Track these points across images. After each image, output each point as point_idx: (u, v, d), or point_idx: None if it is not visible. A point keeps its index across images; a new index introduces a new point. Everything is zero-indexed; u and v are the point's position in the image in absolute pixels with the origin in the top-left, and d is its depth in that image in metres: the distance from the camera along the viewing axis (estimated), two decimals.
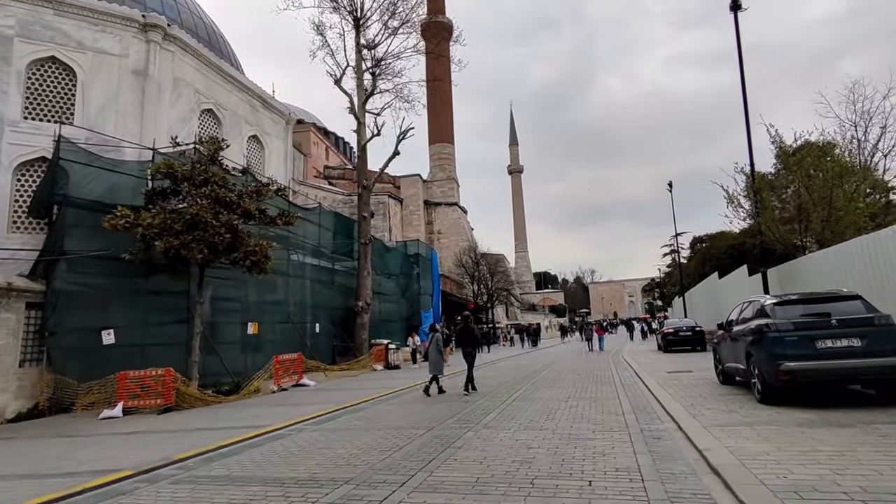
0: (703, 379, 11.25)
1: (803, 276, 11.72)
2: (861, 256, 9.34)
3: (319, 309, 22.38)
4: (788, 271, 12.63)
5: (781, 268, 13.09)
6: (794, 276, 12.23)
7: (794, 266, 12.35)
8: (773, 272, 13.32)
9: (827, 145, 14.95)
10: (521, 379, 14.23)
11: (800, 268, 11.99)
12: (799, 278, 11.91)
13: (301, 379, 15.34)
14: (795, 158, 13.04)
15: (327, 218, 23.94)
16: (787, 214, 14.06)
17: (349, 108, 25.47)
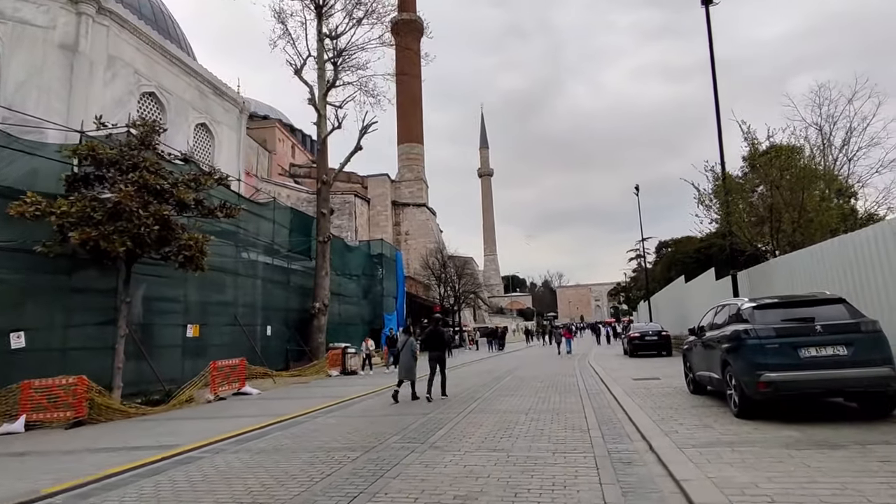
0: (671, 387, 10.57)
1: (774, 279, 11.22)
2: (836, 257, 8.81)
3: (272, 311, 21.02)
4: (759, 274, 12.14)
5: (752, 270, 12.60)
6: (765, 278, 11.73)
7: (765, 268, 11.86)
8: (743, 275, 12.84)
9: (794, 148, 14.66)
10: (482, 386, 13.33)
11: (771, 270, 11.49)
12: (770, 281, 11.40)
13: (243, 387, 14.05)
14: (766, 157, 12.59)
15: (283, 214, 22.60)
16: (756, 217, 13.61)
17: (309, 98, 24.24)
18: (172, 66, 18.62)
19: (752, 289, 12.40)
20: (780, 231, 11.93)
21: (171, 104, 18.51)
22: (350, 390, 13.83)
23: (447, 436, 6.98)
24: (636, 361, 18.96)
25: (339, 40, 25.30)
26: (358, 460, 5.80)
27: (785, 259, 10.87)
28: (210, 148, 21.47)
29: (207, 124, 20.87)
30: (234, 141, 22.79)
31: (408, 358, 11.04)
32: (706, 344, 8.30)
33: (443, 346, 11.36)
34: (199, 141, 20.55)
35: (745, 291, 12.58)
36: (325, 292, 23.31)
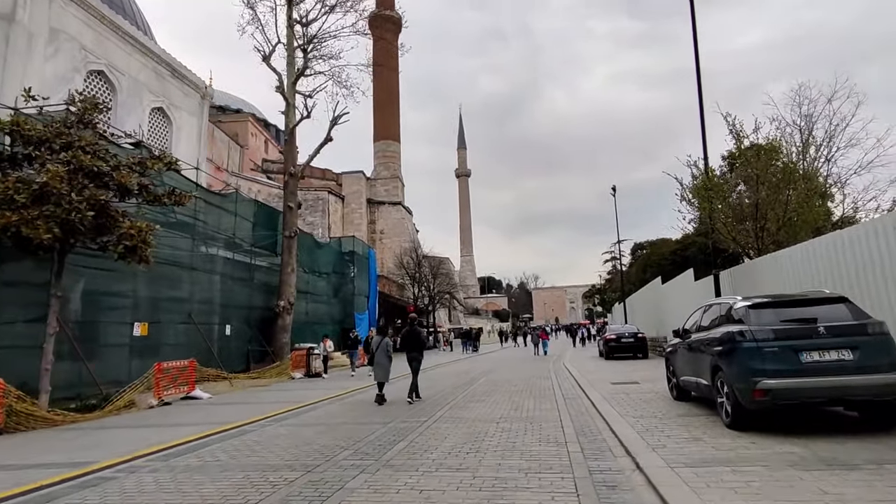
0: (652, 393, 9.92)
1: (760, 279, 10.68)
2: (830, 255, 8.25)
3: (233, 308, 19.80)
4: (743, 274, 11.61)
5: (734, 270, 12.09)
6: (749, 278, 11.20)
7: (749, 268, 11.33)
8: (726, 275, 12.32)
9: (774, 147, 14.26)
10: (453, 390, 12.51)
11: (756, 270, 10.96)
12: (755, 281, 10.87)
13: (192, 390, 12.91)
14: (751, 151, 12.08)
15: (246, 206, 21.36)
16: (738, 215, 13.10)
17: (277, 87, 23.08)
18: (125, 44, 17.28)
19: (734, 289, 11.87)
20: (765, 229, 11.42)
21: (123, 85, 17.16)
22: (311, 394, 12.83)
23: (406, 450, 6.11)
24: (612, 364, 18.41)
25: (310, 27, 24.22)
26: (295, 483, 4.88)
27: (771, 258, 10.34)
28: (167, 134, 20.11)
29: (165, 109, 19.52)
30: (195, 128, 21.46)
31: (384, 359, 10.68)
32: (692, 347, 7.63)
33: (420, 346, 11.04)
34: (154, 126, 19.21)
35: (728, 292, 12.05)
36: (291, 290, 22.17)
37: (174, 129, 20.16)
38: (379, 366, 10.67)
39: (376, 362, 10.71)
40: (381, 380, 10.65)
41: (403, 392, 11.23)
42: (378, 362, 10.70)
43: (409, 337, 11.14)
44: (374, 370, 10.81)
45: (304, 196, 59.38)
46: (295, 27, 23.72)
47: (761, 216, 11.38)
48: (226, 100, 76.23)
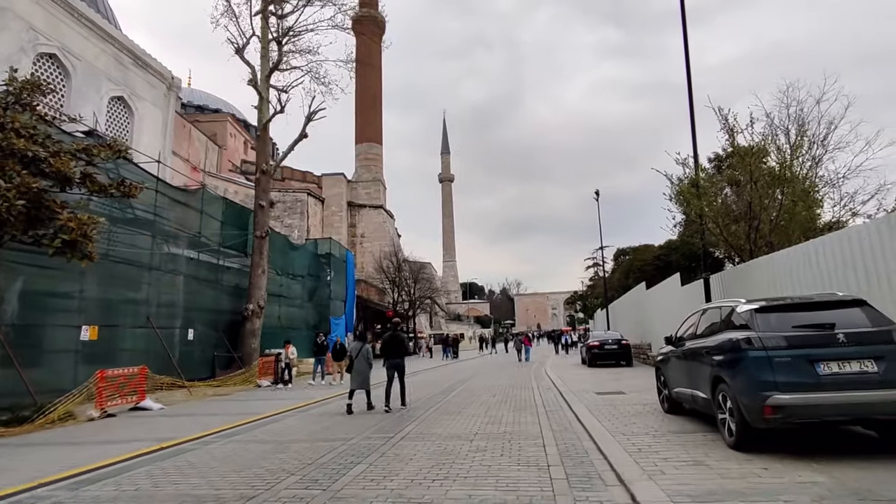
0: (641, 404, 9.17)
1: (753, 283, 10.03)
2: (836, 255, 7.60)
3: (197, 312, 18.63)
4: (735, 277, 10.97)
5: (726, 273, 11.46)
6: (742, 282, 10.56)
7: (741, 271, 10.69)
8: (716, 279, 11.68)
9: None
10: (427, 401, 11.61)
11: (749, 273, 10.31)
12: (748, 285, 10.22)
13: (143, 400, 11.79)
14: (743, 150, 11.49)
15: (214, 204, 20.24)
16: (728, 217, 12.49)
17: (250, 80, 22.05)
18: (82, 27, 16.11)
19: (725, 294, 11.23)
20: (757, 230, 10.80)
21: (79, 70, 15.98)
22: (272, 405, 11.81)
23: (363, 476, 5.21)
24: (596, 372, 17.71)
25: (286, 20, 23.31)
26: None
27: (766, 260, 9.69)
28: (128, 125, 18.92)
29: (126, 98, 18.34)
30: (160, 120, 20.27)
31: (363, 366, 10.33)
32: (688, 356, 6.89)
33: (402, 352, 10.69)
34: (114, 115, 18.02)
35: (719, 297, 11.41)
36: (261, 293, 21.06)
37: (136, 119, 18.97)
38: (358, 373, 10.25)
39: (355, 369, 10.29)
40: (358, 387, 10.26)
41: (377, 402, 10.34)
42: (357, 369, 10.28)
43: (390, 343, 10.69)
44: (351, 377, 10.37)
45: (283, 197, 58.02)
46: (270, 19, 22.78)
47: (754, 216, 10.76)
48: (205, 99, 74.53)
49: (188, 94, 76.12)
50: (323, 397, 13.07)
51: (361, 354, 10.37)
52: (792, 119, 14.42)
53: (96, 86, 16.71)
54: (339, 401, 12.38)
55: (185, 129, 68.30)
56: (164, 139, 20.38)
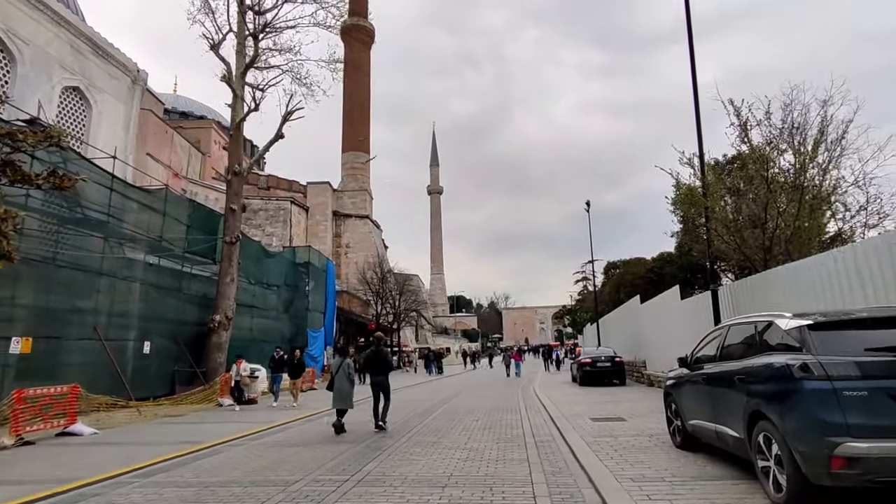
0: (646, 435, 7.88)
1: (773, 296, 8.84)
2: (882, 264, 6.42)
3: (157, 322, 17.07)
4: (748, 290, 9.78)
5: (737, 285, 10.28)
6: (758, 295, 9.37)
7: (757, 283, 9.49)
8: (725, 291, 10.48)
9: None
10: (402, 425, 10.21)
11: (767, 284, 9.11)
12: (766, 298, 9.04)
13: (73, 423, 10.23)
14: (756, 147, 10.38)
15: (179, 206, 18.77)
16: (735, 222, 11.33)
17: (223, 76, 20.74)
18: (33, 9, 14.75)
19: (736, 308, 10.05)
20: (774, 237, 9.62)
21: (26, 55, 14.58)
22: (222, 430, 10.31)
23: None
24: (588, 392, 16.41)
25: (265, 16, 22.14)
26: None
27: (788, 269, 8.49)
28: (84, 118, 17.47)
29: (82, 89, 16.91)
30: (122, 115, 18.83)
31: (344, 383, 9.73)
32: (710, 382, 5.63)
33: (386, 369, 10.03)
34: (67, 106, 16.57)
35: (729, 311, 10.22)
36: (230, 302, 19.54)
37: (94, 112, 17.53)
38: (339, 391, 9.66)
39: (336, 387, 9.66)
40: (341, 406, 9.61)
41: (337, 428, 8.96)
42: (338, 387, 9.67)
43: (373, 359, 10.06)
44: (333, 396, 9.71)
45: (265, 206, 56.46)
46: (247, 14, 21.60)
47: (770, 218, 9.58)
48: (190, 106, 73.04)
49: (173, 101, 74.63)
50: (284, 421, 11.58)
51: (342, 370, 9.73)
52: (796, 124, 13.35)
53: (47, 73, 15.30)
54: (301, 426, 10.95)
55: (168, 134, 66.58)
56: (128, 136, 18.93)
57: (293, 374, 14.57)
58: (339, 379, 9.72)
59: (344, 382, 9.72)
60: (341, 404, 9.64)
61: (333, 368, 9.97)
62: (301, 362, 14.73)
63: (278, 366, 14.58)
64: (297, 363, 14.79)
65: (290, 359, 14.46)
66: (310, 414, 12.70)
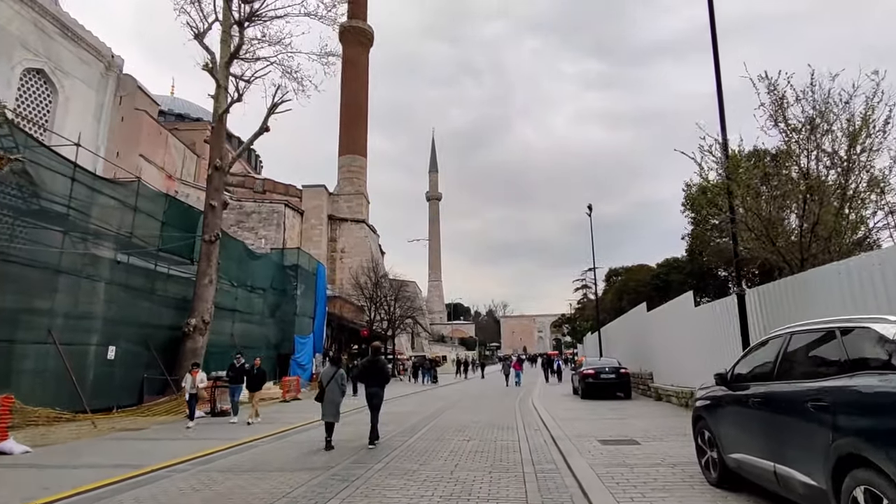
0: (668, 464, 6.56)
1: (812, 302, 7.55)
2: None
3: (125, 326, 15.73)
4: (781, 294, 8.49)
5: (766, 289, 8.98)
6: (794, 300, 8.08)
7: (791, 286, 8.20)
8: (751, 297, 9.19)
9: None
10: (378, 448, 8.88)
11: (805, 288, 7.81)
12: (802, 304, 7.75)
13: (4, 440, 8.88)
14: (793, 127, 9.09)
15: (152, 201, 17.48)
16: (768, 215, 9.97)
17: (205, 65, 19.54)
18: None
19: (767, 315, 8.77)
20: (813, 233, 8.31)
21: None
22: (174, 450, 8.95)
23: None
24: (592, 406, 15.08)
25: (251, 4, 21.01)
26: None
27: (831, 270, 7.20)
28: (48, 102, 16.24)
29: (47, 72, 15.68)
30: (93, 102, 17.60)
31: (335, 394, 9.20)
32: (768, 406, 4.32)
33: (383, 379, 9.46)
34: (28, 89, 15.33)
35: (759, 318, 8.94)
36: (207, 305, 18.22)
37: (60, 98, 16.29)
38: (329, 403, 9.08)
39: (326, 398, 9.05)
40: (332, 418, 9.05)
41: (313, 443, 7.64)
42: (329, 398, 9.07)
43: (369, 368, 9.49)
44: (323, 407, 9.11)
45: (258, 208, 55.23)
46: (233, 2, 20.48)
47: (810, 213, 8.29)
48: (187, 108, 72.14)
49: (170, 103, 73.75)
50: (248, 438, 10.22)
51: (335, 380, 9.19)
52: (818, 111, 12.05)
53: (6, 52, 14.06)
54: (265, 445, 9.60)
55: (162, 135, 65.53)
56: (100, 125, 17.68)
57: (252, 385, 12.87)
58: (330, 389, 9.12)
59: (336, 393, 9.19)
60: (333, 417, 9.08)
61: (324, 378, 9.33)
62: (262, 372, 13.05)
63: (237, 376, 12.89)
64: (257, 373, 13.01)
65: (249, 368, 12.70)
66: (279, 431, 11.34)
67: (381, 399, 9.35)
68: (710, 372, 12.01)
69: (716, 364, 11.45)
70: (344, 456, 8.08)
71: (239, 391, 12.24)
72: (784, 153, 8.89)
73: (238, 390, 12.28)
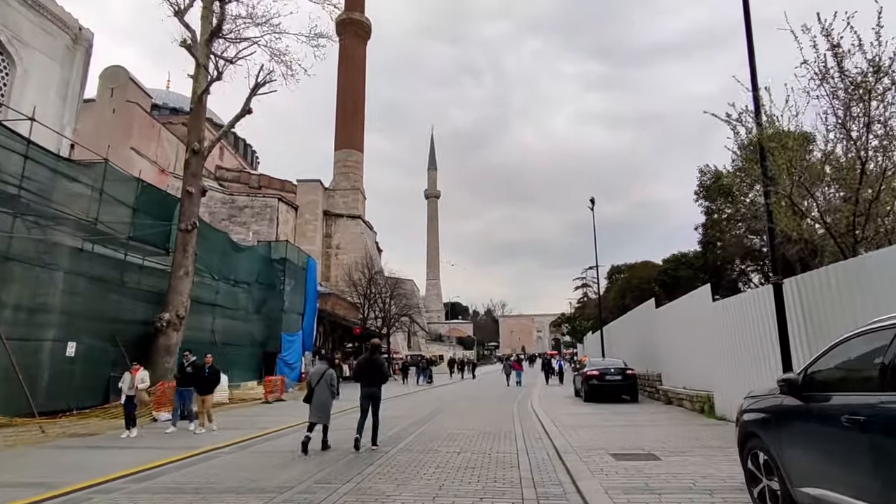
0: (703, 489, 5.28)
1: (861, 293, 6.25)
2: None
3: (89, 320, 14.45)
4: (827, 282, 7.17)
5: (806, 278, 7.67)
6: (846, 289, 6.77)
7: (841, 273, 6.87)
8: (790, 286, 7.90)
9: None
10: (351, 462, 7.59)
11: (862, 274, 6.49)
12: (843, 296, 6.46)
13: None
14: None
15: (121, 185, 16.12)
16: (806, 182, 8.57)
17: (183, 42, 18.20)
18: None
19: (808, 311, 7.47)
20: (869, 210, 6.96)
21: None
22: (117, 461, 7.65)
23: None
24: (597, 411, 13.80)
25: None
26: None
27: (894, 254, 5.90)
28: (4, 75, 14.87)
29: (3, 41, 14.33)
30: (56, 78, 16.24)
31: (325, 395, 8.72)
32: (872, 425, 3.02)
33: (380, 379, 9.03)
34: None
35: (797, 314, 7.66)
36: (183, 299, 16.93)
37: (18, 71, 14.95)
38: (317, 404, 8.57)
39: (315, 399, 8.55)
40: (317, 420, 8.53)
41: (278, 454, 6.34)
42: (318, 399, 8.57)
43: (367, 367, 8.99)
44: (310, 408, 8.58)
45: (251, 203, 53.84)
46: None
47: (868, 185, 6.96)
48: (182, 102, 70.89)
49: (164, 97, 72.49)
50: (205, 448, 8.89)
51: (324, 380, 8.69)
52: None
53: None
54: (223, 457, 8.29)
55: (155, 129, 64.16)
56: (65, 104, 16.33)
57: (202, 387, 10.78)
58: (320, 389, 8.62)
59: (325, 394, 8.69)
60: (319, 419, 8.52)
61: (313, 378, 8.81)
62: (214, 372, 11.09)
63: (186, 378, 10.94)
64: (208, 374, 10.98)
65: (200, 367, 10.69)
66: (245, 438, 10.04)
67: (379, 399, 8.85)
68: (731, 374, 10.77)
69: (739, 366, 10.18)
70: (308, 472, 6.79)
71: (188, 396, 10.66)
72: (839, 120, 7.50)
73: (188, 395, 10.70)
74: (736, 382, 10.22)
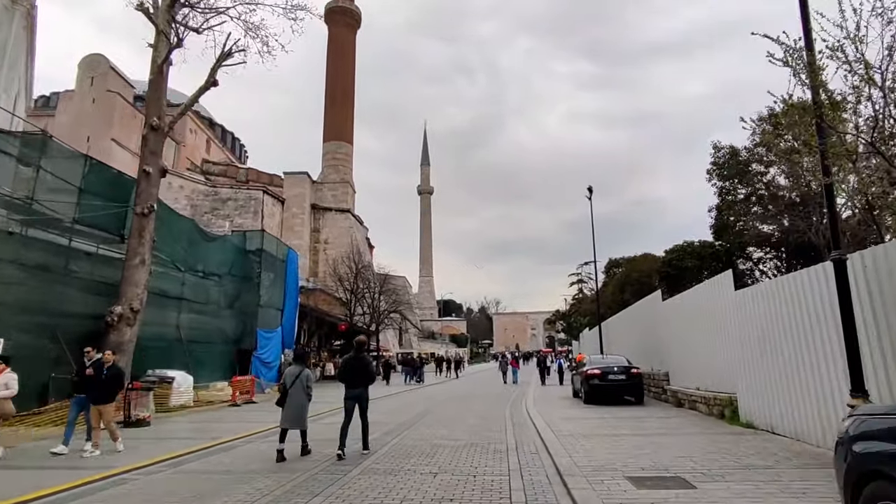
0: None
1: None
2: None
3: (23, 313, 12.66)
4: None
5: (878, 251, 6.07)
6: None
7: None
8: (857, 261, 6.30)
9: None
10: (315, 476, 5.94)
11: None
12: None
13: None
14: None
15: (67, 163, 14.30)
16: None
17: (143, 4, 16.36)
18: None
19: (876, 295, 5.88)
20: None
21: None
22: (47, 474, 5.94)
23: None
24: (600, 414, 12.19)
25: None
26: None
27: None
28: None
29: None
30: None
31: (300, 397, 8.11)
32: None
33: (367, 379, 8.47)
34: None
35: (864, 294, 6.07)
36: (138, 290, 15.14)
37: None
38: (292, 408, 8.00)
39: (289, 402, 7.98)
40: (291, 426, 7.95)
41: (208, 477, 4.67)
42: (292, 402, 8.01)
43: (352, 367, 8.36)
44: (283, 412, 7.99)
45: (235, 195, 51.92)
46: None
47: None
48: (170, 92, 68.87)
49: None
50: (109, 472, 7.12)
51: (299, 381, 8.14)
52: None
53: None
54: (125, 486, 6.56)
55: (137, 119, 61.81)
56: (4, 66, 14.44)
57: (98, 396, 8.40)
58: (294, 392, 8.02)
59: (301, 397, 8.13)
60: (292, 424, 7.94)
61: (288, 379, 8.23)
62: (115, 374, 8.77)
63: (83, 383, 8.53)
64: (107, 377, 8.52)
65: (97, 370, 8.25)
66: (177, 454, 8.32)
67: (366, 401, 8.33)
68: (761, 374, 9.11)
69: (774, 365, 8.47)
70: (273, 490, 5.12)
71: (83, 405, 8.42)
72: None
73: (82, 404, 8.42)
74: (768, 384, 8.65)
